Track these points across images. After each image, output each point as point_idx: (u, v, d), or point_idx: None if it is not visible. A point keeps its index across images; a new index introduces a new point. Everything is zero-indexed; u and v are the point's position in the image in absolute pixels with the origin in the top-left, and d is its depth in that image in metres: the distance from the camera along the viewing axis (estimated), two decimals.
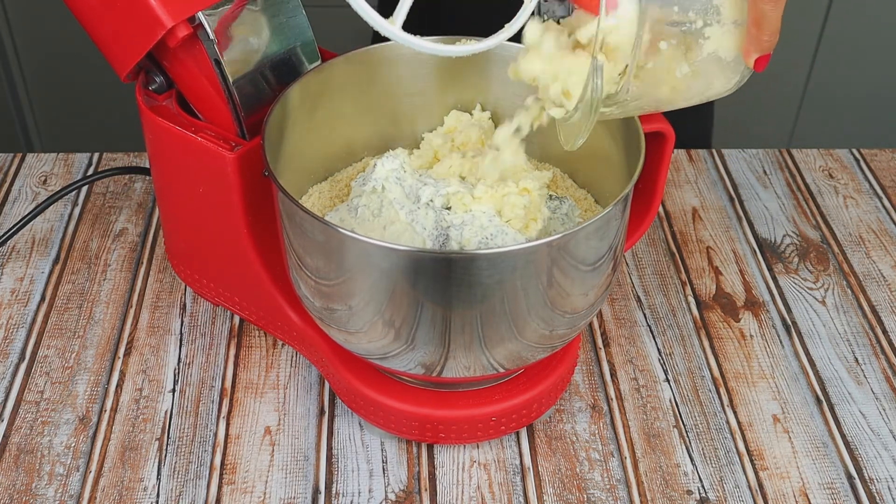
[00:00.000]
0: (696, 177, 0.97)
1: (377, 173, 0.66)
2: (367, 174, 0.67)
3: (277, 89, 0.68)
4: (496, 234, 0.63)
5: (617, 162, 0.68)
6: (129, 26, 0.65)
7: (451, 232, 0.63)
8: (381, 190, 0.65)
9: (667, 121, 0.65)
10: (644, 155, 0.62)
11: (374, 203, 0.65)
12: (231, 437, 0.72)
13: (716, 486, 0.70)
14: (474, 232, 0.63)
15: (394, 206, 0.64)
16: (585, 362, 0.78)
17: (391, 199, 0.64)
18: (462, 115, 0.75)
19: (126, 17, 0.64)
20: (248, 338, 0.79)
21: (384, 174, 0.65)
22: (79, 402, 0.74)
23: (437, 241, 0.64)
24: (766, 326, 0.82)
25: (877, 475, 0.71)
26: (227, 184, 0.68)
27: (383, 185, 0.65)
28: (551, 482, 0.69)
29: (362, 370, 0.70)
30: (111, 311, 0.81)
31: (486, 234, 0.63)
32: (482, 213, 0.64)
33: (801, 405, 0.76)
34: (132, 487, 0.68)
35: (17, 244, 0.87)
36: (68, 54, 1.83)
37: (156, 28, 0.63)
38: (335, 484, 0.69)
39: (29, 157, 0.97)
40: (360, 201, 0.66)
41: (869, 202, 0.95)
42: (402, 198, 0.64)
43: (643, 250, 0.89)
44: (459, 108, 0.75)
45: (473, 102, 0.75)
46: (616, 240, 0.63)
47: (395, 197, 0.64)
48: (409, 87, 0.74)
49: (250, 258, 0.72)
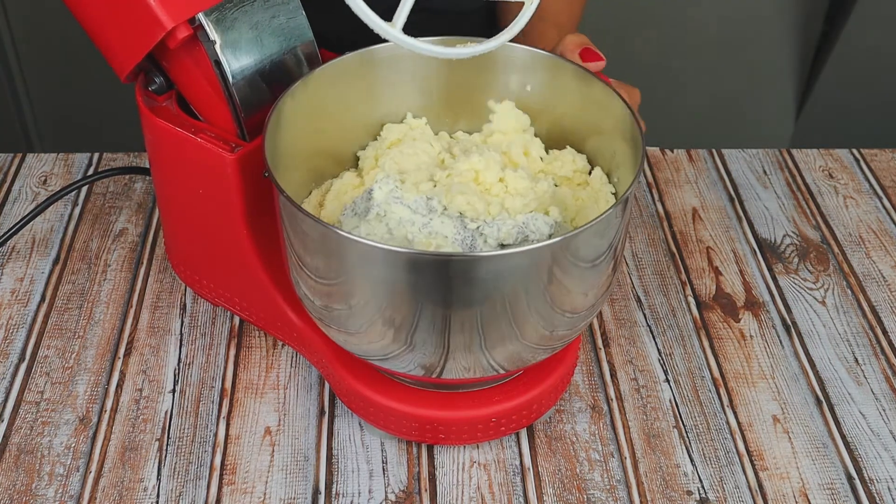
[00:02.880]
0: (696, 177, 0.98)
1: (376, 198, 0.65)
2: (362, 201, 0.66)
3: (277, 90, 0.68)
4: (527, 222, 0.64)
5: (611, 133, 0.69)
6: (129, 27, 0.65)
7: (485, 230, 0.63)
8: (384, 215, 0.65)
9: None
10: (643, 158, 0.62)
11: (380, 230, 0.64)
12: (231, 438, 0.72)
13: (716, 486, 0.70)
14: (508, 226, 0.63)
15: (404, 226, 0.64)
16: (585, 362, 0.78)
17: (399, 220, 0.64)
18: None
19: (126, 18, 0.64)
20: (248, 338, 0.79)
21: (383, 197, 0.65)
22: (79, 402, 0.74)
23: (465, 245, 0.63)
24: (766, 327, 0.82)
25: (877, 475, 0.71)
26: (227, 185, 0.68)
27: (385, 211, 0.64)
28: (551, 482, 0.69)
29: (362, 371, 0.70)
30: (111, 311, 0.81)
31: (520, 224, 0.63)
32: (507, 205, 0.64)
33: (800, 405, 0.76)
34: (132, 488, 0.68)
35: (17, 244, 0.87)
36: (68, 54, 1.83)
37: (156, 29, 0.63)
38: (335, 484, 0.69)
39: (29, 157, 0.97)
40: (361, 230, 0.65)
41: (869, 202, 0.95)
42: (411, 214, 0.64)
43: (643, 250, 0.89)
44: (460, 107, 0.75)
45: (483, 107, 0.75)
46: (616, 240, 0.63)
47: (402, 217, 0.64)
48: (409, 87, 0.74)
49: (250, 259, 0.72)
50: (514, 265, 0.58)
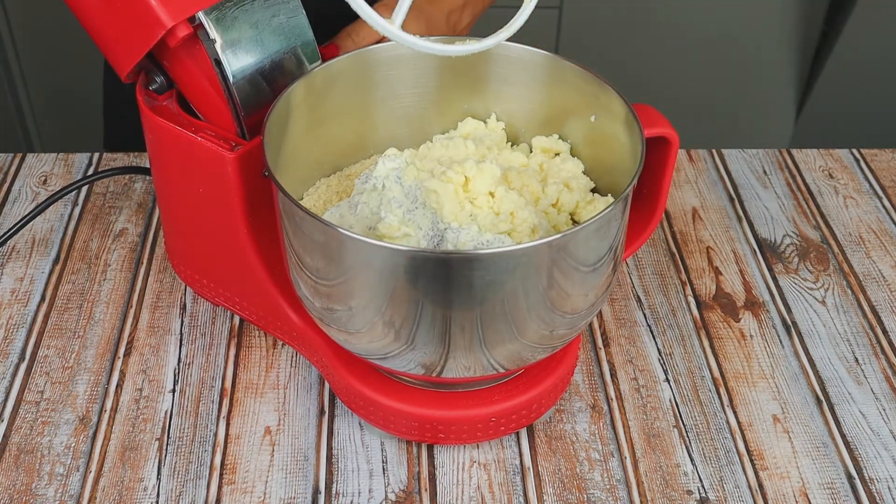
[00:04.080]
0: (696, 177, 0.98)
1: (378, 171, 0.66)
2: (370, 172, 0.67)
3: (277, 89, 0.68)
4: (492, 241, 0.63)
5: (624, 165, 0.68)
6: (129, 26, 0.65)
7: (447, 234, 0.63)
8: (382, 188, 0.65)
9: (671, 125, 0.65)
10: (643, 158, 0.62)
11: (373, 201, 0.65)
12: (231, 437, 0.72)
13: (716, 486, 0.70)
14: (471, 237, 0.63)
15: (392, 204, 0.64)
16: (585, 362, 0.78)
17: (390, 198, 0.64)
18: (477, 123, 0.75)
19: (126, 17, 0.64)
20: (248, 338, 0.79)
21: (385, 172, 0.65)
22: (79, 402, 0.74)
23: (432, 242, 0.64)
24: (766, 326, 0.82)
25: (877, 475, 0.71)
26: (227, 184, 0.68)
27: (384, 184, 0.65)
28: (551, 482, 0.69)
29: (362, 370, 0.70)
30: (111, 311, 0.81)
31: (483, 240, 0.62)
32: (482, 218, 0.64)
33: (800, 405, 0.76)
34: (132, 487, 0.68)
35: (17, 244, 0.87)
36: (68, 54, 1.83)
37: (156, 28, 0.63)
38: (335, 484, 0.69)
39: (29, 157, 0.97)
40: (360, 198, 0.66)
41: (869, 202, 0.95)
42: (402, 197, 0.64)
43: (643, 250, 0.89)
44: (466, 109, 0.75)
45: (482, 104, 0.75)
46: (616, 240, 0.63)
47: (395, 196, 0.64)
48: (410, 88, 0.74)
49: (250, 258, 0.72)
50: (513, 263, 0.58)
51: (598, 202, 0.68)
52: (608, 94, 0.68)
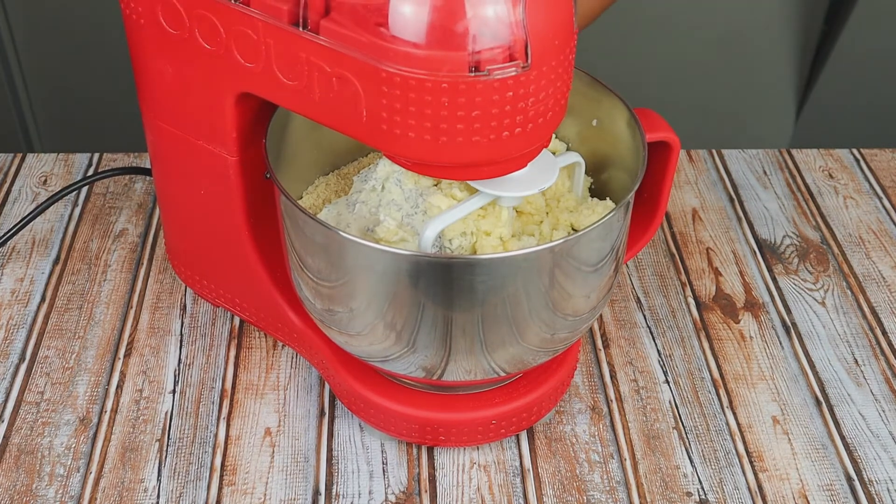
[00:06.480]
0: (696, 177, 0.98)
1: (378, 172, 0.66)
2: (370, 171, 0.67)
3: None
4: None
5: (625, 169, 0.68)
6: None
7: (444, 244, 0.63)
8: (381, 189, 0.65)
9: (672, 130, 0.65)
10: (645, 163, 0.62)
11: (372, 201, 0.65)
12: (231, 439, 0.72)
13: (715, 487, 0.70)
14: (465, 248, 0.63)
15: (391, 207, 0.64)
16: (585, 364, 0.78)
17: (389, 201, 0.64)
18: None
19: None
20: (248, 339, 0.79)
21: (385, 174, 0.65)
22: (79, 402, 0.74)
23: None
24: (765, 327, 0.82)
25: (876, 477, 0.71)
26: (228, 186, 0.68)
27: (384, 185, 0.65)
28: (551, 484, 0.70)
29: (363, 372, 0.70)
30: (111, 311, 0.81)
31: None
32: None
33: (800, 406, 0.76)
34: (132, 488, 0.68)
35: (17, 244, 0.87)
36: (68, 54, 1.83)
37: None
38: (335, 485, 0.69)
39: (29, 157, 0.97)
40: (359, 197, 0.66)
41: (869, 202, 0.95)
42: (402, 200, 0.64)
43: (643, 251, 0.89)
44: None
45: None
46: (617, 244, 0.63)
47: (394, 198, 0.64)
48: None
49: (251, 259, 0.72)
50: (515, 267, 0.58)
51: (597, 206, 0.68)
52: (610, 98, 0.68)
